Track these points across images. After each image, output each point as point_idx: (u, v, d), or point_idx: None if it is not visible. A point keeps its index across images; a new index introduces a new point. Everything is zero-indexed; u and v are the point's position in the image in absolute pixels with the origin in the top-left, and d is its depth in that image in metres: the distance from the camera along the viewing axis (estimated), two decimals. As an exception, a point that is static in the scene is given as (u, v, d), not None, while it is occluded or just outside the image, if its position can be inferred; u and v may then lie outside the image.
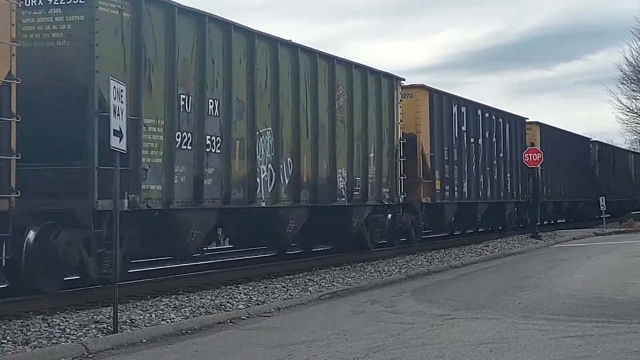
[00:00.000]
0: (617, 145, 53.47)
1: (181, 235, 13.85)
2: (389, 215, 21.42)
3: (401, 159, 21.42)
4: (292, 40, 17.12)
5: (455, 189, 25.23)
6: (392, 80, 21.26)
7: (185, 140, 13.61)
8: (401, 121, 21.61)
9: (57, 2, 12.00)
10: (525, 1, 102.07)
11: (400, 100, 21.71)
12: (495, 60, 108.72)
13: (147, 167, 12.68)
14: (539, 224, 31.30)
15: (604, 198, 36.48)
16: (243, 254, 20.40)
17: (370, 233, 20.65)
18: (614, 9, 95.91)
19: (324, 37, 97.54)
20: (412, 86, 23.33)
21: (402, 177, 21.43)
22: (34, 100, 11.26)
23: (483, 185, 27.64)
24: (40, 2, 12.05)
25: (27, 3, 11.95)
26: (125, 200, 12.19)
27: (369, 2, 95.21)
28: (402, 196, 21.42)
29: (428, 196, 23.34)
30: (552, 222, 39.09)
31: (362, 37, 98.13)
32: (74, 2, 11.94)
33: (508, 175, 30.11)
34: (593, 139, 44.79)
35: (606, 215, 36.78)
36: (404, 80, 22.18)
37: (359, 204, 19.47)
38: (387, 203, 20.88)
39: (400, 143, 21.42)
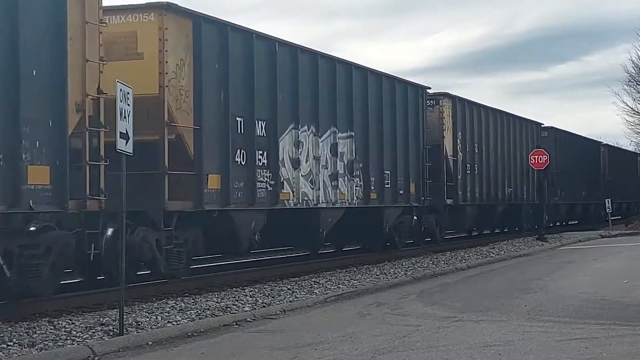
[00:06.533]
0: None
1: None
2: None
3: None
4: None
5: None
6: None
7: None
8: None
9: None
10: (516, 3, 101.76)
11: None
12: (488, 62, 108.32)
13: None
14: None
15: (609, 200, 36.41)
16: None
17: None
18: (608, 10, 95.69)
19: (314, 37, 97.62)
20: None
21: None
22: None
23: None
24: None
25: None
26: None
27: (359, 3, 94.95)
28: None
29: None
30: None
31: (353, 38, 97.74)
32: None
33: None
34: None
35: (615, 217, 36.73)
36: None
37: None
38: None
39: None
